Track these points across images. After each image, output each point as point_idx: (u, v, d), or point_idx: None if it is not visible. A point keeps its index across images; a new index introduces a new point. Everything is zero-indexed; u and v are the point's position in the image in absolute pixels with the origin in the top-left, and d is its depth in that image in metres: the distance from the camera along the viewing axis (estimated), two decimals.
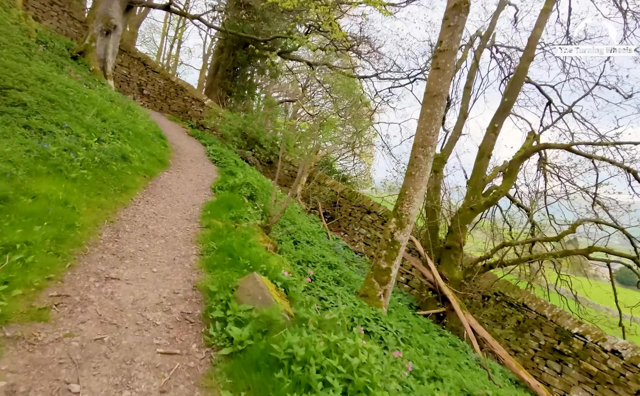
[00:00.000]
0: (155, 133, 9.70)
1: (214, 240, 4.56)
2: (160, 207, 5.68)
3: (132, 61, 15.21)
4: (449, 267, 8.15)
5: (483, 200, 8.32)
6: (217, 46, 19.03)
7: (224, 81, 17.64)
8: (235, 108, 19.05)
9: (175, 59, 34.13)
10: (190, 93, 15.89)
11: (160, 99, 15.77)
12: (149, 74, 15.49)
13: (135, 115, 9.74)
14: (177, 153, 9.74)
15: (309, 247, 7.55)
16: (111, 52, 11.66)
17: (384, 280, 5.80)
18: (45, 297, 2.56)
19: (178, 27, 32.50)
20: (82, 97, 8.10)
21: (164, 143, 9.61)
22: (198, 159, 9.88)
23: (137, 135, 8.33)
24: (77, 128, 6.51)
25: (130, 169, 6.71)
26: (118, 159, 6.54)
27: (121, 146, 7.09)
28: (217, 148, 11.29)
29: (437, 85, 5.92)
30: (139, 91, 15.42)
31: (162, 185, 6.83)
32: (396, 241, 5.83)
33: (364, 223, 11.82)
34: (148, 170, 7.15)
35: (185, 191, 6.92)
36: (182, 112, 15.89)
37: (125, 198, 5.49)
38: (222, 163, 9.90)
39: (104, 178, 5.57)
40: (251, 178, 8.32)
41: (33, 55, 8.39)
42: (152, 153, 8.16)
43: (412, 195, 5.84)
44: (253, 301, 2.76)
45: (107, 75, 11.52)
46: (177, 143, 10.90)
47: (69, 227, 3.75)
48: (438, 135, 6.07)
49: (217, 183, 7.82)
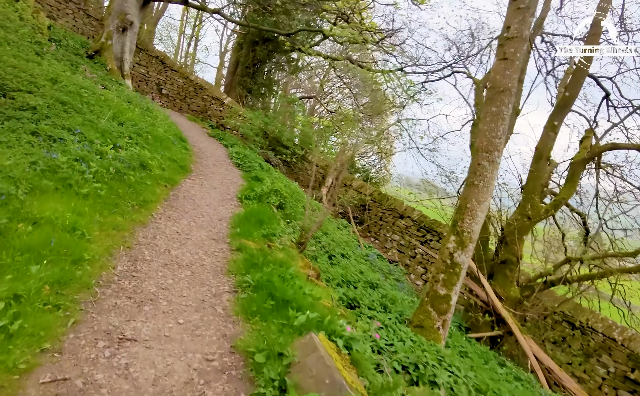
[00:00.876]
0: (175, 136, 9.04)
1: (248, 270, 3.79)
2: (183, 223, 4.96)
3: (150, 60, 14.67)
4: (504, 283, 7.21)
5: (542, 208, 7.34)
6: (236, 42, 18.36)
7: (243, 79, 16.95)
8: (255, 106, 18.37)
9: (192, 57, 33.78)
10: (209, 92, 15.27)
11: (179, 98, 15.20)
12: (167, 72, 14.93)
13: (155, 117, 9.11)
14: (199, 156, 9.06)
15: (345, 261, 6.74)
16: (128, 50, 11.08)
17: (443, 308, 4.93)
18: (33, 388, 1.82)
19: (195, 24, 32.09)
20: (97, 99, 7.48)
21: (185, 147, 8.94)
22: (221, 163, 9.18)
23: (156, 139, 7.67)
24: (91, 133, 5.86)
25: (150, 178, 6.02)
26: (136, 168, 5.86)
27: (139, 152, 6.42)
28: (240, 150, 10.58)
29: (504, 79, 5.00)
30: (157, 91, 14.88)
31: (185, 195, 6.13)
32: (456, 263, 4.95)
33: (397, 228, 10.93)
34: (169, 179, 6.46)
35: (210, 202, 6.20)
36: (201, 112, 15.28)
37: (145, 215, 4.79)
38: (247, 167, 9.17)
39: (120, 191, 4.88)
40: (279, 184, 7.55)
41: (45, 54, 7.81)
42: (172, 158, 7.49)
43: (475, 209, 4.94)
44: (318, 386, 1.97)
45: (125, 75, 10.95)
46: (198, 145, 10.24)
47: (75, 263, 3.03)
48: (505, 137, 5.16)
49: (243, 192, 7.08)
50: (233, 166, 9.30)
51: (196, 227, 4.99)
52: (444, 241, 5.23)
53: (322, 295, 3.82)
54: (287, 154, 14.18)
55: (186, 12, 31.04)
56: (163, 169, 6.78)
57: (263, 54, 16.59)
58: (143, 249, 3.84)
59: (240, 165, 9.35)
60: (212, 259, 4.08)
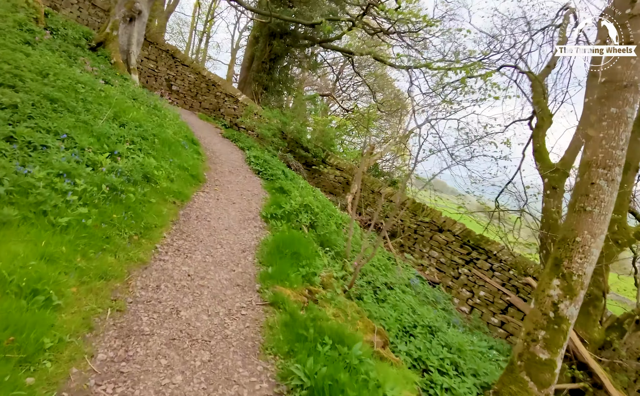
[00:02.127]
0: (186, 138, 7.89)
1: (292, 346, 2.59)
2: (197, 259, 3.77)
3: (159, 54, 13.58)
4: (586, 323, 5.90)
5: (632, 230, 6.00)
6: (251, 36, 17.16)
7: (259, 74, 15.76)
8: (271, 104, 17.19)
9: (204, 54, 32.81)
10: (223, 88, 14.12)
11: (190, 95, 14.09)
12: (178, 67, 13.83)
13: (163, 116, 7.97)
14: (213, 162, 7.89)
15: (392, 296, 5.49)
16: (135, 42, 9.96)
17: (545, 379, 3.65)
18: None
19: (207, 19, 31.10)
20: (96, 96, 6.35)
21: (197, 151, 7.78)
22: (238, 169, 8.00)
23: (164, 142, 6.52)
24: (83, 138, 4.71)
25: (155, 194, 4.86)
26: (138, 182, 4.70)
27: (143, 160, 5.26)
28: (258, 153, 9.39)
29: (629, 70, 3.69)
30: (167, 87, 13.79)
31: (198, 214, 4.95)
32: (562, 317, 3.66)
33: (436, 244, 9.64)
34: (179, 193, 5.29)
35: (228, 223, 5.01)
36: (214, 110, 14.15)
37: (146, 249, 3.61)
38: (269, 175, 7.96)
39: (115, 216, 3.70)
40: (308, 197, 6.34)
41: (37, 43, 6.70)
42: (183, 165, 6.33)
43: (589, 244, 3.65)
44: None
45: (131, 68, 9.84)
46: (212, 148, 9.07)
47: (27, 361, 1.86)
48: (627, 148, 3.86)
49: (268, 208, 5.88)
50: (252, 173, 8.11)
51: (214, 264, 3.80)
52: (540, 284, 3.94)
53: (400, 381, 2.58)
54: (307, 157, 12.97)
55: (198, 8, 30.10)
56: (172, 180, 5.61)
57: (281, 48, 15.37)
58: (140, 312, 2.65)
59: (260, 172, 8.15)
60: (239, 324, 2.87)
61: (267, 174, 7.93)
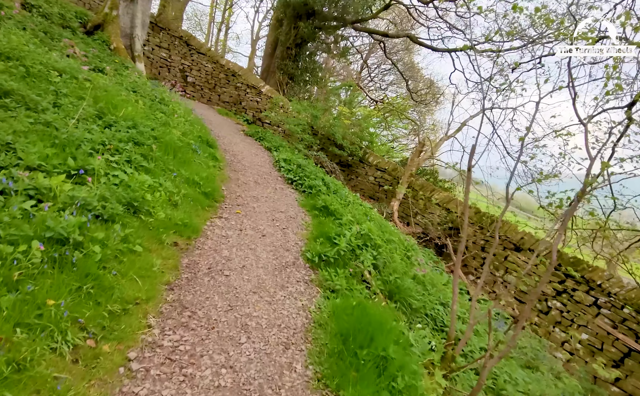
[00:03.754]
0: (200, 140, 6.18)
1: None
2: (203, 383, 2.00)
3: (172, 41, 11.96)
4: None
5: None
6: (274, 18, 15.32)
7: (283, 62, 13.94)
8: (297, 95, 15.36)
9: (223, 45, 31.31)
10: (244, 79, 12.39)
11: (207, 87, 12.43)
12: (193, 56, 12.18)
13: (171, 112, 6.28)
14: (234, 169, 6.15)
15: None
16: (140, 24, 8.31)
17: None
18: None
19: (225, 8, 29.51)
20: (78, 87, 4.70)
21: (214, 155, 6.04)
22: (266, 178, 6.23)
23: (168, 147, 4.81)
24: (36, 148, 3.03)
25: (145, 233, 3.13)
26: (117, 216, 2.97)
27: (131, 179, 3.54)
28: (288, 155, 7.59)
29: None
30: (182, 78, 12.17)
31: (211, 264, 3.19)
32: None
33: (511, 266, 7.61)
34: (183, 225, 3.55)
35: (258, 278, 3.23)
36: (234, 104, 12.45)
37: (105, 374, 1.86)
38: (306, 186, 6.13)
39: (50, 304, 1.98)
40: (367, 224, 4.49)
41: (1, 19, 5.09)
42: (193, 179, 4.60)
43: None
44: None
45: (136, 56, 8.21)
46: (232, 149, 7.34)
47: None
48: None
49: (313, 243, 4.08)
50: (284, 183, 6.31)
51: (233, 390, 2.01)
52: None
53: None
54: (342, 156, 11.10)
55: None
56: (175, 205, 3.88)
57: (308, 31, 13.47)
58: None
59: (294, 181, 6.34)
60: None
61: (304, 185, 6.10)
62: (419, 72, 26.05)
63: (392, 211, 9.67)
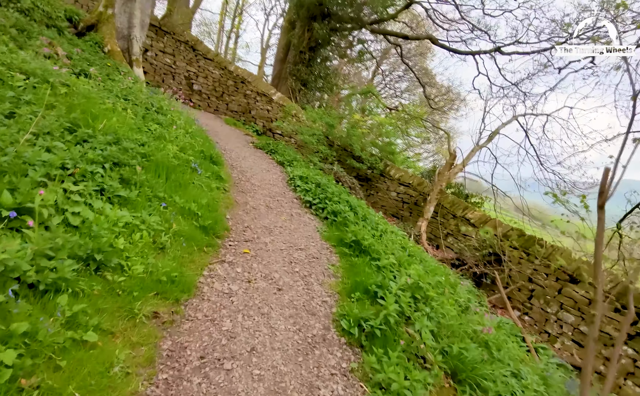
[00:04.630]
0: (202, 156, 5.21)
1: None
2: None
3: (177, 46, 11.12)
4: None
5: None
6: (286, 21, 14.45)
7: (296, 67, 13.01)
8: (310, 103, 14.41)
9: (233, 53, 30.69)
10: (254, 86, 11.49)
11: (215, 95, 11.55)
12: (200, 62, 11.32)
13: (168, 123, 5.33)
14: (242, 189, 5.16)
15: None
16: (139, 24, 7.44)
17: None
18: None
19: (234, 15, 28.98)
20: (50, 94, 3.76)
21: (218, 174, 5.06)
22: (279, 202, 5.22)
23: (159, 167, 3.83)
24: None
25: (110, 300, 2.12)
26: (62, 281, 1.97)
27: (97, 217, 2.56)
28: (305, 171, 6.57)
29: None
30: (187, 85, 11.31)
31: (206, 346, 2.18)
32: None
33: (567, 301, 6.45)
34: (170, 282, 2.54)
35: (271, 362, 2.20)
36: (243, 113, 11.54)
37: None
38: (329, 211, 5.05)
39: None
40: (414, 268, 3.43)
41: None
42: (189, 209, 3.61)
43: None
44: None
45: (133, 60, 7.32)
46: (240, 165, 6.37)
47: None
48: None
49: (345, 303, 3.04)
50: (300, 206, 5.29)
51: None
52: None
53: None
54: (360, 168, 10.07)
55: (226, 5, 27.98)
56: (161, 248, 2.88)
57: (323, 33, 12.53)
58: None
59: (312, 204, 5.30)
60: None
61: (326, 210, 5.04)
62: (433, 78, 25.05)
63: (419, 232, 8.58)
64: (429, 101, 21.41)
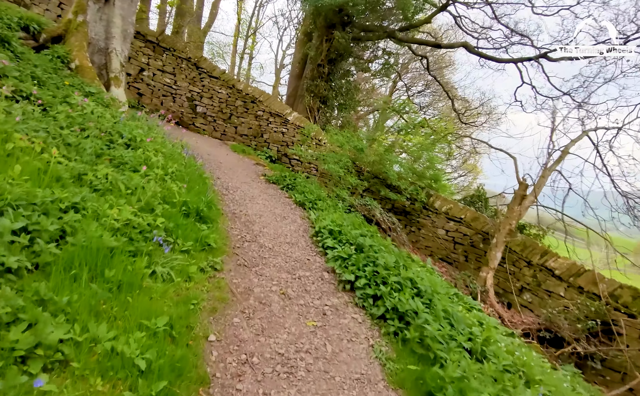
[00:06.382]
0: (182, 213, 3.43)
1: None
2: None
3: (178, 63, 9.61)
4: None
5: None
6: (302, 33, 12.88)
7: (314, 83, 11.32)
8: (329, 122, 12.66)
9: (247, 75, 29.51)
10: (266, 105, 9.83)
11: (221, 117, 9.93)
12: (204, 81, 9.76)
13: (136, 163, 3.58)
14: (244, 260, 3.33)
15: None
16: (119, 34, 5.85)
17: None
18: None
19: (247, 35, 27.87)
20: None
21: (206, 241, 3.25)
22: (301, 281, 3.35)
23: (82, 255, 2.04)
24: None
25: None
26: None
27: None
28: (335, 218, 4.69)
29: None
30: (190, 108, 9.74)
31: None
32: None
33: None
34: None
35: None
36: (254, 137, 9.86)
37: None
38: (386, 308, 3.06)
39: None
40: None
41: None
42: (121, 353, 1.78)
43: None
44: None
45: (111, 78, 5.70)
46: (246, 211, 4.58)
47: None
48: None
49: None
50: (336, 291, 3.37)
51: None
52: None
53: None
54: (397, 200, 8.16)
55: (239, 27, 26.98)
56: None
57: (344, 43, 10.83)
58: None
59: (355, 286, 3.36)
60: None
61: (383, 305, 3.04)
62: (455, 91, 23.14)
63: (484, 287, 6.55)
64: (460, 116, 19.34)
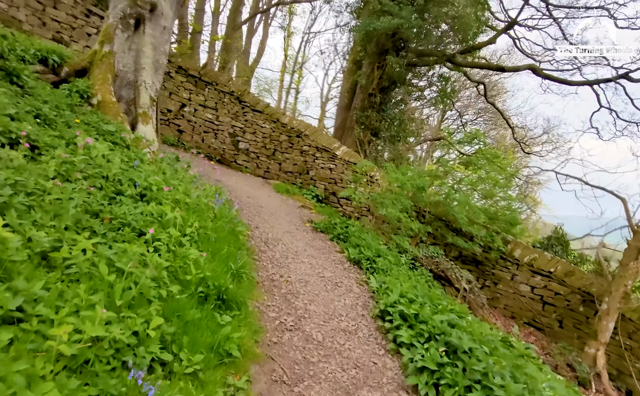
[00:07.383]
0: (196, 297, 2.40)
1: None
2: None
3: (221, 98, 9.06)
4: None
5: None
6: (351, 61, 12.08)
7: (364, 113, 10.33)
8: (381, 156, 11.52)
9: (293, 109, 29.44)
10: (312, 140, 8.94)
11: (265, 154, 9.16)
12: (247, 115, 9.11)
13: (142, 225, 2.64)
14: (280, 367, 2.18)
15: None
16: (150, 66, 5.23)
17: None
18: None
19: (293, 70, 27.94)
20: None
21: (235, 343, 2.18)
22: None
23: None
24: None
25: None
26: None
27: None
28: (406, 288, 3.44)
29: None
30: (232, 144, 9.08)
31: None
32: None
33: None
34: None
35: None
36: (300, 173, 8.94)
37: None
38: None
39: None
40: None
41: None
42: None
43: None
44: None
45: (139, 114, 5.02)
46: (288, 275, 3.50)
47: None
48: None
49: None
50: None
51: None
52: None
53: None
54: (467, 249, 6.72)
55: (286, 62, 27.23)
56: None
57: (398, 71, 9.79)
58: None
59: None
60: None
61: None
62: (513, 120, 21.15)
63: (594, 367, 4.85)
64: (521, 145, 17.39)
